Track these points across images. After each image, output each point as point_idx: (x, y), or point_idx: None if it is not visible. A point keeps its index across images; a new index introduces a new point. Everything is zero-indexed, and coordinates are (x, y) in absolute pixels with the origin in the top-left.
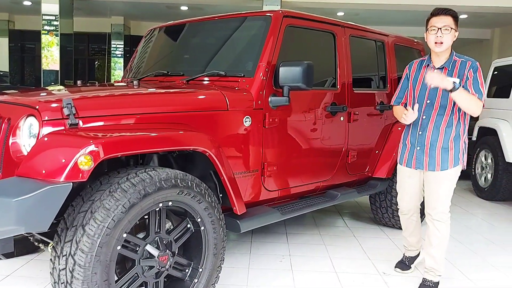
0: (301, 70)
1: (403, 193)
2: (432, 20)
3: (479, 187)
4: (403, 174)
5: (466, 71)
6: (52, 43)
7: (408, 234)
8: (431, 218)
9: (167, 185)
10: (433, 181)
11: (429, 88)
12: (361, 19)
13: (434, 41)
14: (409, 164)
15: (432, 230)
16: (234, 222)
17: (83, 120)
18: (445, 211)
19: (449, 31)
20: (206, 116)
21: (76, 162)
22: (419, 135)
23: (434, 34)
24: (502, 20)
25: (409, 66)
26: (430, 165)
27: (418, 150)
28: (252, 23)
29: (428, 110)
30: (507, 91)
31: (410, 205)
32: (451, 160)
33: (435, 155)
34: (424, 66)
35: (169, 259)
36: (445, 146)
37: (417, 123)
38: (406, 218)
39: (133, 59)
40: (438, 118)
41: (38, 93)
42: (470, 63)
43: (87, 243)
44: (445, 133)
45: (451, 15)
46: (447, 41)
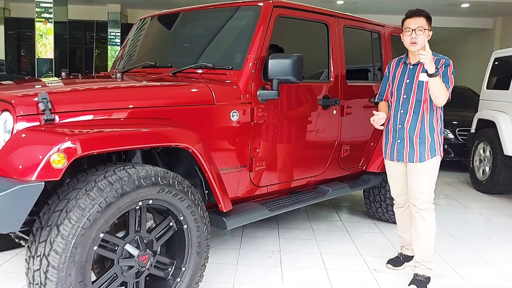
0: (290, 63)
1: (394, 186)
2: (407, 22)
3: (477, 180)
4: (389, 167)
5: (439, 66)
6: (50, 31)
7: (403, 230)
8: (416, 208)
9: (146, 183)
10: (414, 172)
11: (405, 84)
12: (360, 8)
13: (409, 41)
14: (392, 157)
15: (419, 221)
16: (220, 219)
17: (60, 116)
18: (429, 200)
19: (423, 31)
20: (191, 110)
21: (49, 160)
22: (399, 129)
23: (409, 35)
24: (504, 9)
25: (389, 65)
26: (409, 157)
27: (399, 143)
28: (241, 13)
29: (405, 104)
30: (507, 82)
31: (404, 196)
32: (428, 152)
33: (414, 147)
34: (401, 63)
35: (150, 259)
36: (421, 138)
37: (396, 117)
38: (402, 211)
39: (123, 50)
40: (414, 111)
41: (19, 86)
42: (443, 60)
43: (61, 243)
44: (421, 126)
45: (424, 15)
46: (421, 41)
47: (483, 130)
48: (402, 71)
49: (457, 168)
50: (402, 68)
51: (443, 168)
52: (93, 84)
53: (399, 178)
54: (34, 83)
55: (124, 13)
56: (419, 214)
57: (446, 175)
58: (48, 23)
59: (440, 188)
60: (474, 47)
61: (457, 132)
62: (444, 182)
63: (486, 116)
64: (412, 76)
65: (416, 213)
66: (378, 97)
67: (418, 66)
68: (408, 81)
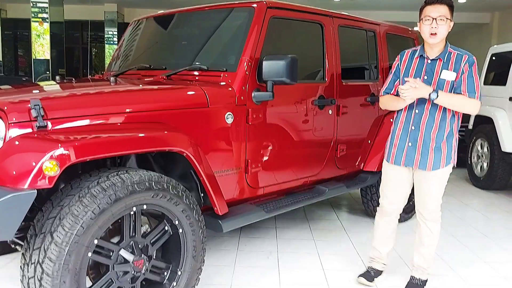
0: (285, 64)
1: (389, 192)
2: (427, 9)
3: (475, 176)
4: (390, 172)
5: (462, 65)
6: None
7: (380, 243)
8: (423, 218)
9: (140, 188)
10: (424, 180)
11: (422, 80)
12: (357, 4)
13: (429, 32)
14: (397, 162)
15: (425, 230)
16: (216, 222)
17: (52, 122)
18: (437, 210)
19: (445, 21)
20: (185, 113)
21: (41, 167)
22: (412, 131)
23: (429, 24)
24: (502, 3)
25: (401, 56)
26: (421, 163)
27: (410, 146)
28: (235, 15)
29: (421, 104)
30: (504, 78)
31: (395, 206)
32: (443, 160)
33: (427, 153)
34: (416, 57)
35: (145, 264)
36: (438, 145)
37: (409, 117)
38: (386, 221)
39: (118, 51)
40: (431, 112)
41: (11, 92)
42: (466, 57)
43: (55, 251)
44: (439, 130)
45: (447, 4)
46: (442, 32)
47: (480, 126)
48: (418, 66)
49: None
50: (418, 62)
51: None
52: (87, 88)
53: (398, 184)
54: (27, 88)
55: (120, 12)
56: (425, 224)
57: None
58: (44, 23)
59: None
60: (472, 42)
61: None
62: None
63: (483, 112)
64: (431, 72)
65: (422, 223)
66: (385, 89)
67: (438, 61)
68: (426, 78)
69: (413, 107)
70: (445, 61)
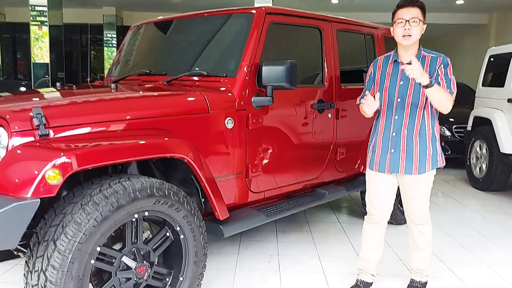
0: (284, 69)
1: (376, 200)
2: (399, 12)
3: (474, 177)
4: (375, 180)
5: (437, 67)
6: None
7: (368, 250)
8: (413, 223)
9: (142, 195)
10: (411, 185)
11: (398, 86)
12: (355, 6)
13: (401, 34)
14: (382, 169)
15: (417, 234)
16: (217, 227)
17: (54, 130)
18: (426, 213)
19: (417, 23)
20: (186, 120)
21: (44, 176)
22: (393, 137)
23: (402, 26)
24: (500, 4)
25: (374, 64)
26: (406, 169)
27: (393, 152)
28: (234, 21)
29: (400, 109)
30: (502, 79)
31: (383, 213)
32: (429, 163)
33: (412, 158)
34: (390, 62)
35: (147, 270)
36: (422, 149)
37: (389, 124)
38: (375, 228)
39: (117, 57)
40: (411, 117)
41: (12, 100)
42: (441, 59)
43: (58, 259)
44: (420, 134)
45: (419, 6)
46: (415, 34)
47: (479, 128)
48: (393, 71)
49: (454, 165)
50: (392, 67)
51: None
52: (88, 96)
53: (383, 192)
54: (28, 96)
55: (119, 16)
56: (417, 228)
57: (443, 172)
58: (43, 27)
59: (438, 185)
60: (470, 43)
61: (453, 129)
62: (441, 180)
63: (482, 114)
64: (407, 76)
65: (414, 227)
66: (360, 99)
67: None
68: (402, 83)
69: (392, 113)
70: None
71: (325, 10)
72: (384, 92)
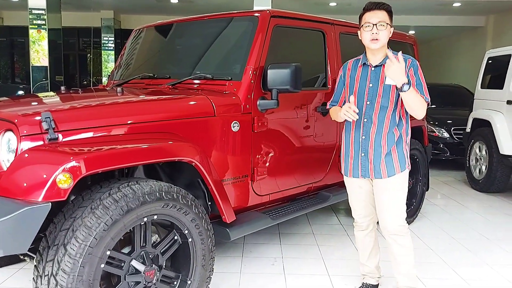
0: (289, 73)
1: (357, 206)
2: (366, 16)
3: (474, 179)
4: (352, 186)
5: (407, 69)
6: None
7: (366, 258)
8: (389, 234)
9: (151, 199)
10: (382, 190)
11: (368, 88)
12: (353, 9)
13: (369, 38)
14: (355, 174)
15: (394, 247)
16: (223, 230)
17: (63, 134)
18: (402, 222)
19: (385, 26)
20: (193, 123)
21: (55, 180)
22: (363, 140)
23: (369, 30)
24: (496, 6)
25: (344, 68)
26: (376, 172)
27: (363, 156)
28: (239, 24)
29: (369, 111)
30: (501, 82)
31: (368, 218)
32: (397, 165)
33: (380, 161)
34: (360, 65)
35: (156, 274)
36: (388, 151)
37: (359, 127)
38: (364, 234)
39: (120, 61)
40: (380, 119)
41: (20, 103)
42: (410, 61)
43: (69, 263)
44: (388, 137)
45: (385, 9)
46: (383, 37)
47: (478, 130)
48: (362, 74)
49: (453, 167)
50: (362, 71)
51: (440, 167)
52: (95, 100)
53: (363, 197)
54: (36, 99)
55: (117, 19)
56: (393, 240)
57: (443, 174)
58: (42, 30)
59: (438, 187)
60: (467, 45)
61: (452, 131)
62: (441, 181)
63: (481, 116)
64: (376, 79)
65: (389, 239)
66: (331, 103)
67: (382, 68)
68: (372, 85)
69: (362, 116)
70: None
71: (324, 12)
72: (354, 95)
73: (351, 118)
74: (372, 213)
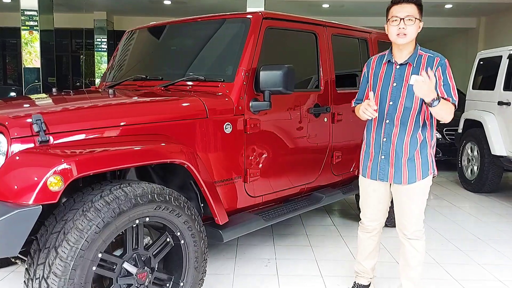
0: (281, 74)
1: (368, 209)
2: (393, 9)
3: (466, 180)
4: (367, 187)
5: (434, 69)
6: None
7: (364, 258)
8: (406, 237)
9: (143, 201)
10: (402, 195)
11: (391, 88)
12: (346, 11)
13: (396, 32)
14: (373, 176)
15: (410, 250)
16: (216, 231)
17: (54, 136)
18: (420, 227)
19: (413, 21)
20: (186, 125)
21: (46, 183)
22: (384, 142)
23: (396, 25)
24: (488, 8)
25: (368, 64)
26: (395, 177)
27: (383, 159)
28: (231, 26)
29: (391, 112)
30: (492, 83)
31: (376, 222)
32: (419, 172)
33: (401, 166)
34: (384, 62)
35: (148, 276)
36: (411, 156)
37: (380, 127)
38: (368, 237)
39: (112, 62)
40: (402, 121)
41: (10, 105)
42: (438, 59)
43: (60, 266)
44: (411, 140)
45: (415, 2)
46: (411, 33)
47: (470, 130)
48: (386, 72)
49: (446, 167)
50: (386, 68)
51: None
52: (87, 101)
53: (376, 201)
54: (27, 101)
55: (110, 20)
56: (410, 244)
57: None
58: (34, 32)
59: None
60: (459, 47)
61: (444, 132)
62: (433, 182)
63: (473, 116)
64: (400, 78)
65: (406, 242)
66: (356, 100)
67: (407, 66)
68: (395, 85)
69: (383, 117)
70: (415, 65)
71: (316, 14)
72: (376, 94)
73: (370, 116)
74: (380, 218)
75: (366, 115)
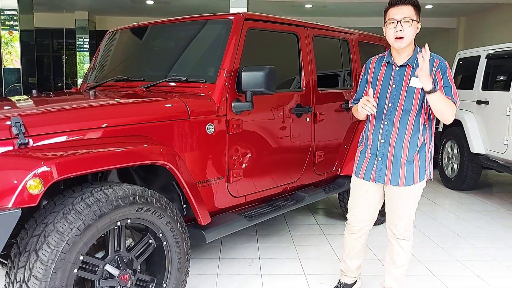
0: (263, 75)
1: (357, 210)
2: (390, 12)
3: (446, 177)
4: (359, 188)
5: (434, 71)
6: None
7: (350, 257)
8: (395, 237)
9: (124, 203)
10: (397, 197)
11: (390, 89)
12: (329, 11)
13: (393, 36)
14: (367, 177)
15: (397, 250)
16: (199, 232)
17: (34, 139)
18: (410, 228)
19: (410, 23)
20: (167, 126)
21: (25, 186)
22: (381, 144)
23: (393, 27)
24: (468, 9)
25: (367, 65)
26: (392, 180)
27: (380, 161)
28: (213, 27)
29: (390, 114)
30: (471, 82)
31: (363, 224)
32: (417, 174)
33: (399, 168)
34: (384, 63)
35: (130, 278)
36: (409, 159)
37: (378, 129)
38: (354, 238)
39: (93, 63)
40: (401, 123)
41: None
42: (438, 61)
43: (41, 269)
44: (410, 143)
45: (412, 4)
46: (408, 35)
47: (450, 129)
48: (386, 73)
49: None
50: (385, 70)
51: None
52: (67, 103)
53: (367, 202)
54: (4, 103)
55: (92, 20)
56: (398, 243)
57: None
58: (13, 32)
59: None
60: (439, 47)
61: None
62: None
63: None
64: (400, 80)
65: (394, 241)
66: (354, 100)
67: (407, 68)
68: (395, 87)
69: (382, 118)
70: (415, 67)
71: (299, 14)
72: (375, 95)
73: (369, 112)
74: (368, 220)
75: (365, 110)
